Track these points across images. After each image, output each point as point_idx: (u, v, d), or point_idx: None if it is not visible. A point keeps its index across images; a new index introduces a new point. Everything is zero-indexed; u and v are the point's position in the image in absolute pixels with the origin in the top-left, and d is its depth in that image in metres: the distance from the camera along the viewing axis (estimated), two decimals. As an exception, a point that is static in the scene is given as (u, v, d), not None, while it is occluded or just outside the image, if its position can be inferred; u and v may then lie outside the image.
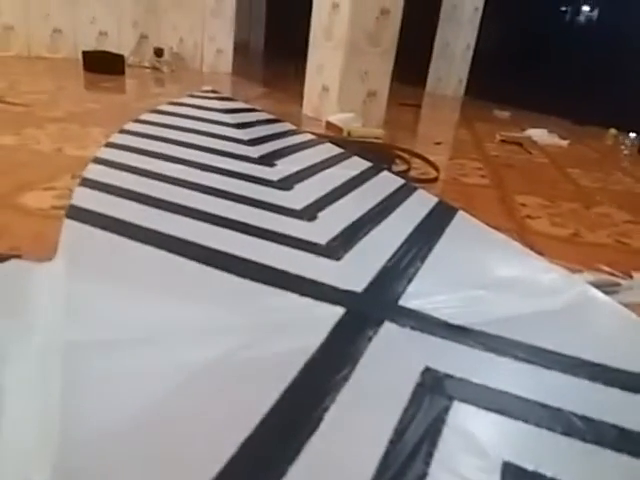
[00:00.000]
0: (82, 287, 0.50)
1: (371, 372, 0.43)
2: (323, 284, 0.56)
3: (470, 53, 3.67)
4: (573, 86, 3.15)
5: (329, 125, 1.56)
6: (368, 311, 0.53)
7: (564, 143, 2.31)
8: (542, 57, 3.38)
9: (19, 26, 2.68)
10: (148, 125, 1.10)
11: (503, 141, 2.16)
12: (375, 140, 1.50)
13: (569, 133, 2.48)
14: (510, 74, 3.44)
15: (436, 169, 1.21)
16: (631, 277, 0.70)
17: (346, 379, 0.41)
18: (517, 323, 0.56)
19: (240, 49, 3.53)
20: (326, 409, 0.38)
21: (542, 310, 0.59)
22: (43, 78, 2.12)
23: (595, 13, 3.19)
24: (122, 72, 2.44)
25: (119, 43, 2.89)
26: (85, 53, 2.45)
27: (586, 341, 0.54)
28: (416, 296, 0.57)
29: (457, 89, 3.78)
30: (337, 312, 0.51)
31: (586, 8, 3.21)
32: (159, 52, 2.83)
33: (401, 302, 0.55)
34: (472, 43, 3.64)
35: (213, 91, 1.35)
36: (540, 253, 0.75)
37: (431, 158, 1.32)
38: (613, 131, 2.78)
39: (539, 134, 2.39)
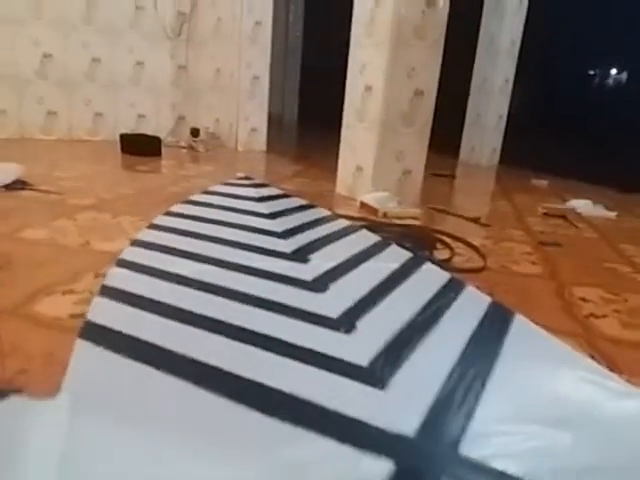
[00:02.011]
0: (83, 436, 0.43)
1: None
2: (367, 425, 0.48)
3: (503, 123, 3.65)
4: (613, 151, 3.06)
5: (363, 205, 1.51)
6: (423, 465, 0.44)
7: (612, 215, 2.20)
8: (577, 122, 3.33)
9: (62, 112, 2.81)
10: (179, 218, 1.06)
11: (546, 214, 2.06)
12: (412, 221, 1.44)
13: (615, 203, 2.37)
14: (545, 141, 3.38)
15: (482, 256, 1.12)
16: None
17: None
18: (599, 475, 0.45)
19: (274, 123, 3.60)
20: None
21: (629, 458, 0.48)
22: (81, 162, 2.17)
23: (624, 74, 3.15)
24: (159, 154, 2.48)
25: (157, 125, 2.99)
26: (122, 136, 2.52)
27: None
28: (479, 440, 0.47)
29: (491, 158, 3.73)
30: (386, 468, 0.42)
31: (614, 70, 3.18)
32: (195, 132, 2.90)
33: (462, 449, 0.46)
34: (504, 113, 3.62)
35: (247, 178, 1.32)
36: (614, 369, 0.64)
37: (474, 242, 1.24)
38: (661, 196, 2.65)
39: (583, 205, 2.29)
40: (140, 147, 2.46)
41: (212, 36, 3.04)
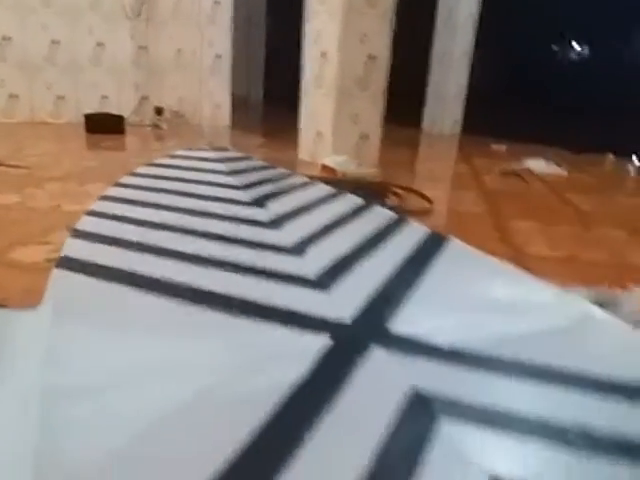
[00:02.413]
0: (64, 331, 0.50)
1: (356, 399, 0.42)
2: (309, 315, 0.56)
3: (463, 93, 3.75)
4: (567, 115, 3.19)
5: (324, 168, 1.59)
6: (355, 339, 0.52)
7: (563, 172, 2.32)
8: (534, 89, 3.45)
9: (23, 94, 2.80)
10: (143, 178, 1.12)
11: (503, 174, 2.17)
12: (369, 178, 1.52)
13: (567, 162, 2.49)
14: (504, 108, 3.50)
15: (429, 201, 1.21)
16: (628, 291, 0.68)
17: (329, 409, 0.40)
18: (514, 343, 0.54)
19: (239, 104, 3.63)
20: (306, 440, 0.36)
21: (539, 329, 0.57)
22: (46, 141, 2.19)
23: (581, 43, 3.28)
24: (123, 132, 2.51)
25: (120, 106, 2.99)
26: (86, 116, 2.53)
27: (586, 357, 0.52)
28: (406, 322, 0.56)
29: (453, 127, 3.84)
30: (322, 341, 0.50)
31: (571, 39, 3.30)
32: (159, 111, 2.92)
33: (391, 328, 0.54)
34: (464, 83, 3.72)
35: (209, 144, 1.38)
36: (536, 275, 0.74)
37: (427, 193, 1.33)
38: (611, 157, 2.80)
39: (537, 165, 2.41)
40: (104, 125, 2.48)
41: (172, 16, 3.05)
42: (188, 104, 3.10)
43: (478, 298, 0.65)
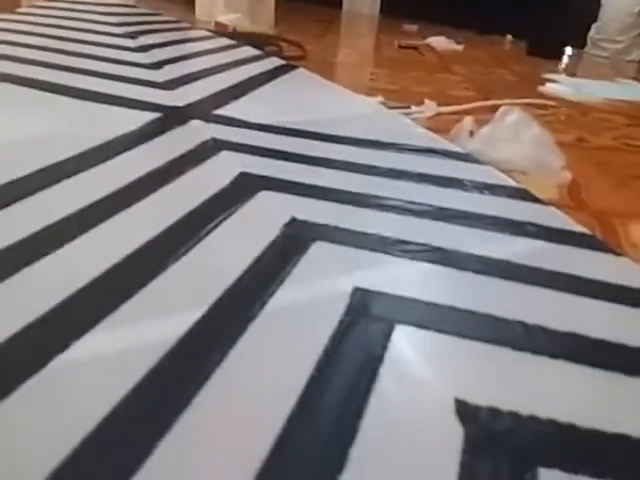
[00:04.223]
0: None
1: (162, 145, 0.57)
2: (149, 102, 0.69)
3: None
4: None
5: (217, 24, 1.64)
6: (180, 115, 0.66)
7: (459, 47, 2.45)
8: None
9: None
10: (25, 15, 1.16)
11: (401, 47, 2.26)
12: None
13: (468, 40, 2.62)
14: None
15: (303, 50, 1.33)
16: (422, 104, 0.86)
17: (141, 145, 0.55)
18: (310, 122, 0.69)
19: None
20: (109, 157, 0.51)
21: (336, 116, 0.73)
22: None
23: None
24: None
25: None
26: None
27: (364, 130, 0.68)
28: (228, 110, 0.70)
29: (372, 7, 3.84)
30: (152, 115, 0.64)
31: None
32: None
33: (216, 111, 0.69)
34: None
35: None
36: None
37: (311, 48, 1.44)
38: (509, 37, 2.96)
39: (437, 41, 2.53)
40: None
41: None
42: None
43: (294, 101, 0.80)
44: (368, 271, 0.37)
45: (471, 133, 0.64)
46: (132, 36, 1.05)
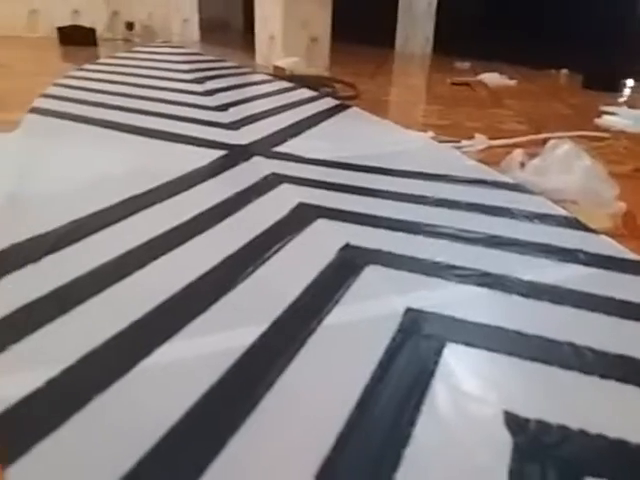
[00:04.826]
0: (32, 147, 0.69)
1: (227, 180, 0.62)
2: (215, 141, 0.75)
3: (433, 9, 3.80)
4: (530, 32, 3.29)
5: (276, 68, 1.73)
6: (244, 152, 0.71)
7: (512, 82, 2.46)
8: (503, 7, 3.51)
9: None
10: (104, 66, 1.28)
11: (453, 84, 2.29)
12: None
13: (522, 76, 2.62)
14: (474, 28, 3.57)
15: (356, 90, 1.39)
16: (474, 138, 0.88)
17: (209, 179, 0.60)
18: (366, 157, 0.72)
19: (219, 30, 3.67)
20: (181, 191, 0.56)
21: (389, 151, 0.77)
22: (21, 50, 2.30)
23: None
24: (95, 44, 2.61)
25: (92, 21, 3.05)
26: (59, 29, 2.62)
27: (415, 163, 0.71)
28: (288, 147, 0.75)
29: (424, 47, 3.91)
30: (219, 153, 0.70)
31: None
32: (130, 26, 2.99)
33: (274, 149, 0.74)
34: (433, 1, 3.76)
35: (165, 41, 1.52)
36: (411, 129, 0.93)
37: (365, 87, 1.49)
38: (564, 71, 2.94)
39: (490, 77, 2.55)
40: (77, 38, 2.58)
41: None
42: (158, 19, 3.17)
43: (349, 137, 0.84)
44: (420, 293, 0.40)
45: (522, 165, 0.66)
46: (200, 81, 1.13)
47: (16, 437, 0.26)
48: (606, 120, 1.50)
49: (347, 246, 0.45)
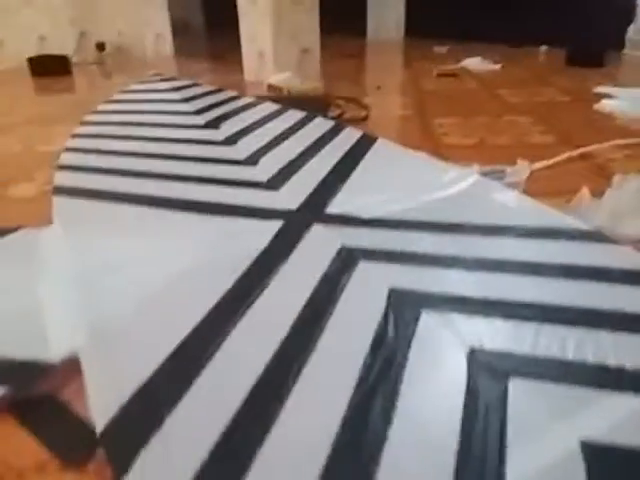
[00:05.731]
0: (78, 237, 0.66)
1: (303, 258, 0.59)
2: (265, 209, 0.72)
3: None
4: (503, 10, 3.28)
5: (270, 87, 1.69)
6: (301, 220, 0.69)
7: (497, 67, 2.45)
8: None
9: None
10: (104, 114, 1.23)
11: (439, 75, 2.27)
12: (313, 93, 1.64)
13: (503, 56, 2.61)
14: (443, 8, 3.55)
15: (365, 109, 1.36)
16: (516, 165, 0.87)
17: (286, 264, 0.57)
18: (424, 210, 0.71)
19: (180, 31, 3.57)
20: (264, 287, 0.54)
21: (444, 197, 0.75)
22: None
23: None
24: (69, 72, 2.51)
25: (60, 45, 2.94)
26: (30, 59, 2.51)
27: (478, 212, 0.70)
28: (338, 205, 0.73)
29: (397, 31, 3.88)
30: (275, 225, 0.67)
31: None
32: (101, 47, 2.89)
33: (327, 210, 0.71)
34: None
35: (157, 74, 1.47)
36: (449, 160, 0.91)
37: (367, 101, 1.47)
38: (544, 48, 2.94)
39: (473, 62, 2.53)
40: (49, 68, 2.48)
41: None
42: (128, 36, 3.07)
43: (395, 182, 0.82)
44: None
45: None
46: (214, 125, 1.09)
47: None
48: (606, 105, 1.50)
49: (473, 352, 0.43)
